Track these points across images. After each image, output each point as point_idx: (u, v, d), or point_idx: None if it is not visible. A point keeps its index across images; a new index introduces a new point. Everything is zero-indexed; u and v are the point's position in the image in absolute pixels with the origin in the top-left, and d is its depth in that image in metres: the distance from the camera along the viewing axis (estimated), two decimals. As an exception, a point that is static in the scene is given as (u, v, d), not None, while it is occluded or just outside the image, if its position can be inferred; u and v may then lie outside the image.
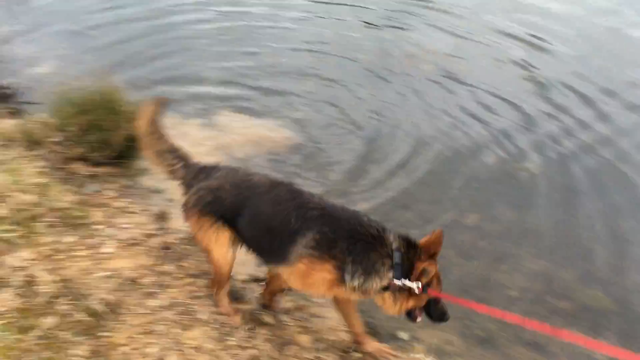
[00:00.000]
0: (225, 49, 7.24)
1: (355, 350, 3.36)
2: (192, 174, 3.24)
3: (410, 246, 2.90)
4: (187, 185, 3.23)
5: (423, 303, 3.01)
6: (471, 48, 7.84)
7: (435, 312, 3.05)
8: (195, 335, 3.13)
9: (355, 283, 2.84)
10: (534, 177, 5.41)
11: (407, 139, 5.82)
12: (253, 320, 3.36)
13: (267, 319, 3.41)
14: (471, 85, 6.87)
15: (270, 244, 3.01)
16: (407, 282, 2.83)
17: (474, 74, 7.12)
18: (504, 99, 6.64)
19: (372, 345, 3.40)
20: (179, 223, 3.83)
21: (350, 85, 6.71)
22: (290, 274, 2.97)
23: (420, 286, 2.83)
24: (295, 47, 7.50)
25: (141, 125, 3.39)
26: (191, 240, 3.78)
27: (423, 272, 2.82)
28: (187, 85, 6.32)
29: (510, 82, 7.01)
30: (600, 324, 3.98)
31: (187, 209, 3.16)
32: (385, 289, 2.89)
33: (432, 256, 2.89)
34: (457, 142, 5.87)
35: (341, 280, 2.85)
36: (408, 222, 4.67)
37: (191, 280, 3.56)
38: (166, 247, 3.81)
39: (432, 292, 2.90)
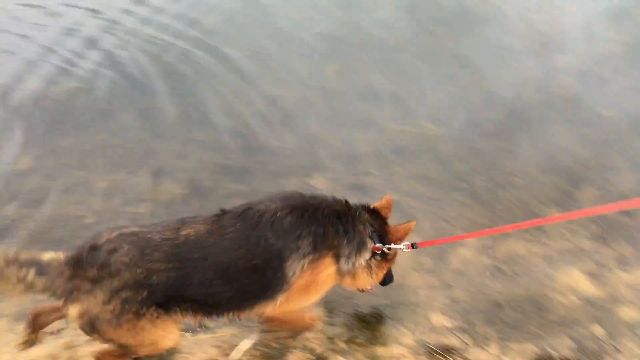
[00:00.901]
0: None
1: None
2: (67, 274, 2.38)
3: (371, 214, 2.91)
4: (71, 291, 2.38)
5: (392, 264, 3.07)
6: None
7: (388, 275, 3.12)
8: None
9: (350, 264, 2.79)
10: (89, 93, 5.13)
11: None
12: None
13: None
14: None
15: (258, 285, 2.59)
16: (395, 246, 2.87)
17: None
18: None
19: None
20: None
21: None
22: (292, 294, 2.68)
23: (409, 244, 2.90)
24: None
25: None
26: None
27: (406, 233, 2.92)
28: None
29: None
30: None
31: (111, 320, 2.37)
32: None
33: (385, 219, 2.97)
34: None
35: (340, 269, 2.79)
36: None
37: None
38: None
39: (421, 244, 2.93)
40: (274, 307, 2.72)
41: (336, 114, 5.07)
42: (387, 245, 2.86)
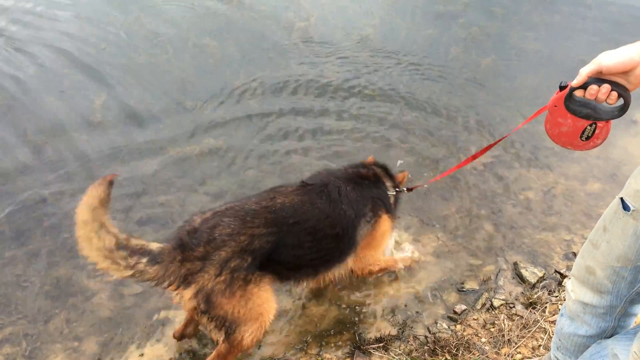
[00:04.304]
0: None
1: None
2: (178, 259, 2.50)
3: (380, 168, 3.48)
4: (186, 275, 2.51)
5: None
6: None
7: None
8: None
9: (394, 212, 3.40)
10: None
11: None
12: None
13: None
14: None
15: (336, 249, 2.98)
16: (400, 189, 3.50)
17: None
18: None
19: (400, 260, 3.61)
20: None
21: None
22: (359, 252, 3.13)
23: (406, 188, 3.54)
24: None
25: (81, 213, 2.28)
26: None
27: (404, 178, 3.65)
28: None
29: None
30: None
31: (224, 290, 2.53)
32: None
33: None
34: None
35: (391, 219, 3.30)
36: None
37: None
38: None
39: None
40: (345, 269, 3.15)
41: (109, 148, 4.81)
42: (396, 190, 3.43)
